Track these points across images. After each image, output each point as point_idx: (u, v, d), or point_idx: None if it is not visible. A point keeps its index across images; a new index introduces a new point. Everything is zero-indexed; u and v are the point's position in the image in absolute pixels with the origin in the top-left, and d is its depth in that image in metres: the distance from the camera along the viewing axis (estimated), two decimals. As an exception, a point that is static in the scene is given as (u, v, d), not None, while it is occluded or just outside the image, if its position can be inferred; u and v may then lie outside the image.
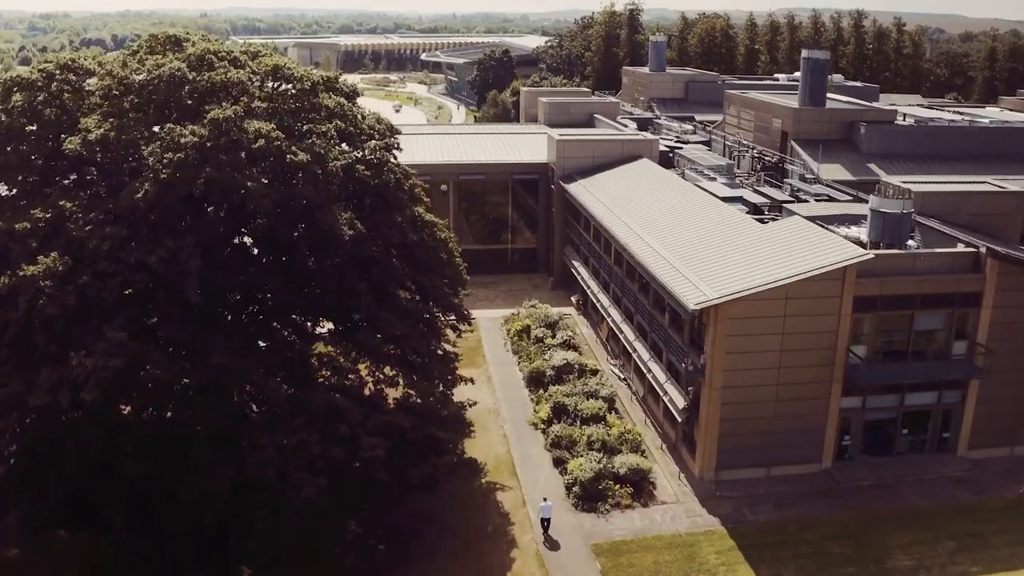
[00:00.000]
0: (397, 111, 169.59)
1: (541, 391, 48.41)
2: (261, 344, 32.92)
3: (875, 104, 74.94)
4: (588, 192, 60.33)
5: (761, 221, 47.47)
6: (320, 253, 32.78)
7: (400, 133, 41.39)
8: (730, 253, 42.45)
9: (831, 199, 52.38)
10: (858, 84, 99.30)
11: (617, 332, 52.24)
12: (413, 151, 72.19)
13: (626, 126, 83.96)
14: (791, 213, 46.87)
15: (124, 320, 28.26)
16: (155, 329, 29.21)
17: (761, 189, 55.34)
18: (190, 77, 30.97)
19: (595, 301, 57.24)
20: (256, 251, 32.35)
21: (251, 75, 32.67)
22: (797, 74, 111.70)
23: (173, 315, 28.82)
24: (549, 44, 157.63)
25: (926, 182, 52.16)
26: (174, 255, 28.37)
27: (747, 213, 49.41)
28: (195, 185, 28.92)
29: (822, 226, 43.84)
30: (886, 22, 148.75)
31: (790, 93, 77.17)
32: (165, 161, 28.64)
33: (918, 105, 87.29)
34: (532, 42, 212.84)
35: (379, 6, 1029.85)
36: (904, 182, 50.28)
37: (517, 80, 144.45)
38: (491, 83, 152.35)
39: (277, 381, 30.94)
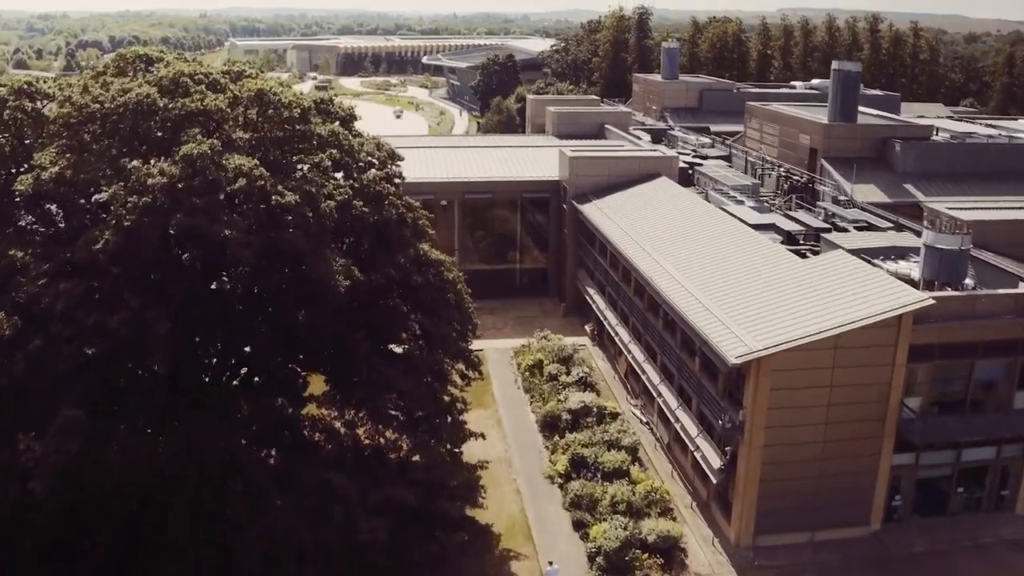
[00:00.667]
0: (398, 117, 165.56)
1: (557, 438, 44.23)
2: (244, 406, 28.71)
3: (909, 119, 70.56)
4: (604, 215, 56.15)
5: (798, 252, 43.43)
6: (311, 304, 28.56)
7: (402, 160, 37.24)
8: (768, 293, 38.28)
9: (870, 226, 48.22)
10: (879, 93, 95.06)
11: (638, 370, 48.09)
12: (415, 166, 68.08)
13: (639, 139, 79.83)
14: (832, 245, 42.71)
15: (82, 393, 24.06)
16: (119, 403, 24.97)
17: (793, 214, 51.14)
18: (161, 104, 26.78)
19: (612, 333, 53.09)
20: (237, 303, 28.04)
21: (232, 101, 28.41)
22: (815, 81, 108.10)
23: (140, 386, 24.60)
24: (554, 48, 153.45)
25: (971, 206, 48.15)
26: (140, 316, 24.17)
27: (781, 242, 45.35)
28: (164, 233, 24.64)
29: (867, 260, 39.75)
30: (898, 25, 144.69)
31: (814, 105, 73.00)
32: (129, 205, 24.43)
33: (948, 117, 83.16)
34: (536, 45, 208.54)
35: (379, 6, 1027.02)
36: (950, 208, 46.38)
37: (522, 86, 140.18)
38: (495, 88, 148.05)
39: (262, 455, 26.72)
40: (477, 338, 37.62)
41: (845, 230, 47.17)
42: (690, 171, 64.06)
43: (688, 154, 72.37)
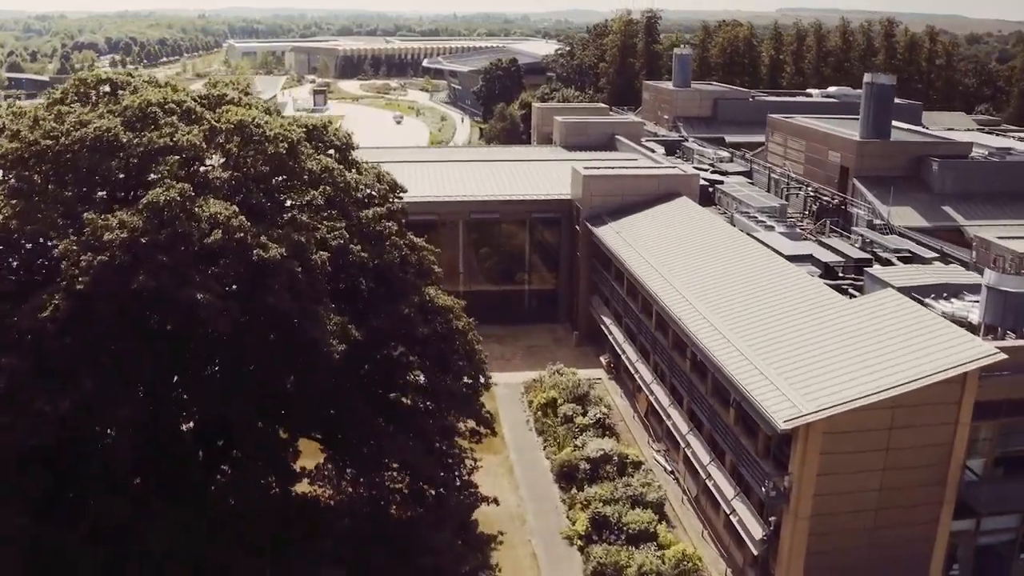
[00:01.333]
0: (398, 122, 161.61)
1: (575, 490, 40.32)
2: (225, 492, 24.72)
3: (943, 133, 66.54)
4: (621, 239, 52.21)
5: (839, 288, 39.57)
6: (303, 369, 24.63)
7: (405, 191, 33.35)
8: (813, 339, 34.35)
9: (913, 255, 44.33)
10: (901, 102, 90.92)
11: (661, 412, 44.18)
12: (417, 182, 64.06)
13: (653, 151, 75.93)
14: (878, 281, 38.73)
15: (26, 491, 20.12)
16: (71, 504, 21.03)
17: (828, 241, 47.22)
18: (124, 140, 22.82)
19: (630, 367, 49.19)
20: (214, 375, 24.07)
21: (209, 134, 24.45)
22: (832, 89, 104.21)
23: (97, 482, 20.65)
24: (559, 52, 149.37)
25: (1020, 234, 44.40)
26: (96, 399, 20.23)
27: (820, 276, 41.45)
28: (126, 297, 20.71)
29: (919, 300, 35.84)
30: (904, 24, 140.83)
31: (837, 118, 69.15)
32: (83, 264, 20.50)
33: (978, 129, 79.24)
34: (539, 48, 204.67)
35: (379, 6, 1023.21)
36: (1001, 238, 42.60)
37: (526, 91, 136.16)
38: (498, 94, 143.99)
39: (243, 554, 22.77)
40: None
41: (888, 261, 43.28)
42: (710, 189, 60.19)
43: (706, 169, 68.47)
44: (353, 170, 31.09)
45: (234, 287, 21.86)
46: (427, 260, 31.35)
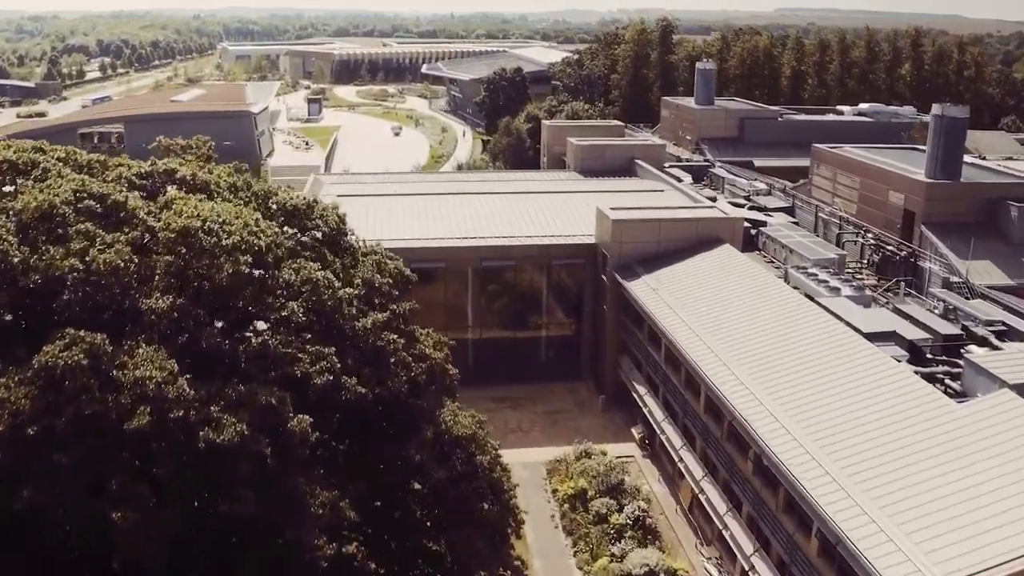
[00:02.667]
0: (396, 134, 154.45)
1: (616, 620, 33.37)
2: None
3: (1015, 170, 59.50)
4: (657, 296, 45.23)
5: (931, 378, 32.74)
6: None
7: (415, 279, 26.37)
8: (923, 463, 27.41)
9: (1009, 330, 37.47)
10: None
11: (711, 512, 37.22)
12: (422, 220, 57.14)
13: (680, 180, 69.03)
14: (981, 371, 31.86)
15: None
16: None
17: (906, 308, 40.26)
18: (16, 260, 15.79)
19: (670, 449, 42.23)
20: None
21: (143, 246, 17.42)
22: (864, 106, 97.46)
23: None
24: (567, 61, 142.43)
25: None
26: None
27: (908, 361, 34.58)
28: (3, 517, 13.67)
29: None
30: (894, 24, 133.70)
31: (887, 147, 62.29)
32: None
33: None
34: (543, 55, 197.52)
35: (376, 5, 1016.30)
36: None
37: (532, 103, 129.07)
38: (502, 106, 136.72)
39: None
40: (498, 445, 27.62)
41: (984, 340, 36.39)
42: (752, 231, 53.33)
43: (741, 204, 61.63)
44: (346, 258, 23.97)
45: (172, 488, 14.77)
46: (443, 373, 24.25)
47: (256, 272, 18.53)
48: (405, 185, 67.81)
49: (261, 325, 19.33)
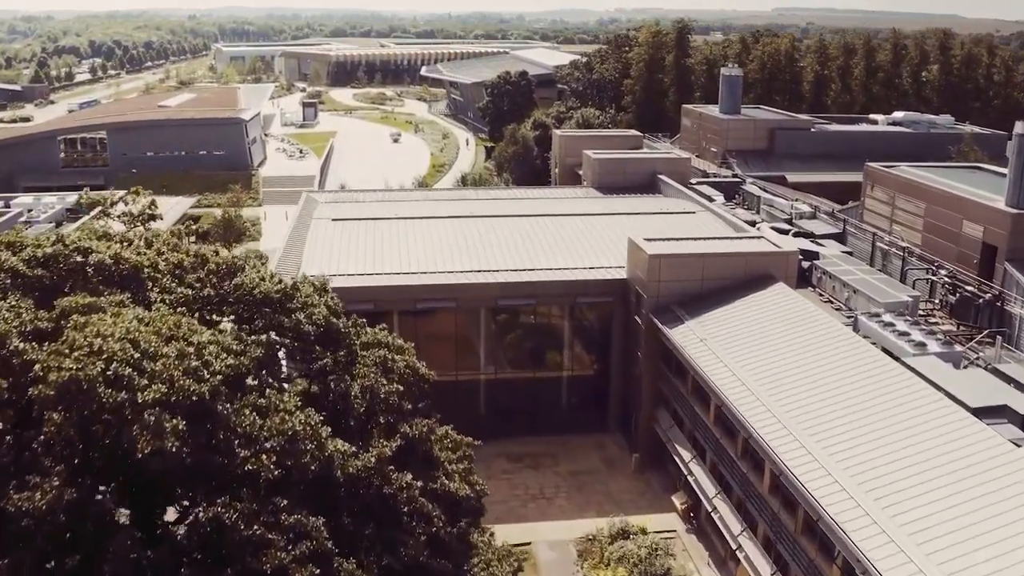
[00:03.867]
0: (396, 140, 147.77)
1: None
2: None
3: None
4: (707, 347, 38.73)
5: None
6: None
7: (430, 381, 19.85)
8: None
9: None
10: (986, 131, 77.94)
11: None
12: (429, 248, 50.61)
13: (711, 199, 62.64)
14: None
15: None
16: None
17: (1006, 369, 33.79)
18: None
19: (723, 530, 35.75)
20: None
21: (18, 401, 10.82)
22: (898, 115, 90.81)
23: None
24: (574, 64, 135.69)
25: None
26: None
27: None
28: None
29: None
30: (892, 24, 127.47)
31: (947, 167, 55.82)
32: None
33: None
34: (547, 56, 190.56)
35: (373, 5, 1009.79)
36: None
37: (538, 109, 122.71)
38: (506, 111, 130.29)
39: None
40: (517, 519, 21.41)
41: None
42: (804, 263, 46.85)
43: (783, 227, 55.22)
44: (341, 352, 17.36)
45: None
46: (473, 512, 17.67)
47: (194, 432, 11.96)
48: (407, 205, 61.21)
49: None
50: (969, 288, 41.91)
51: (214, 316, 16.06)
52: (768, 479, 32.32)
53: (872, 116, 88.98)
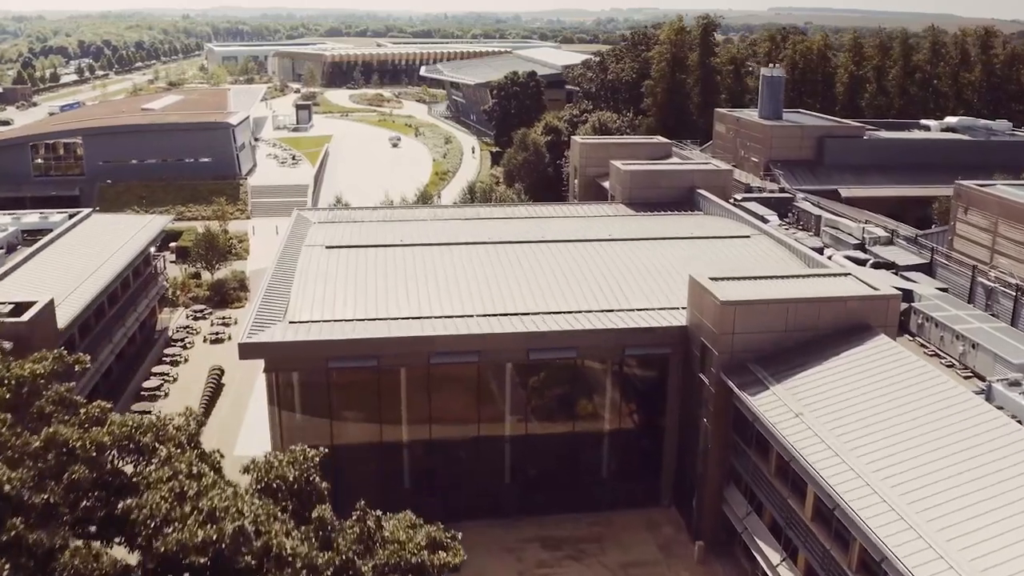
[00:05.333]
0: (395, 145, 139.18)
1: None
2: None
3: None
4: (801, 422, 30.41)
5: None
6: None
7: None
8: None
9: None
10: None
11: None
12: (439, 291, 42.00)
13: (766, 220, 54.42)
14: None
15: None
16: None
17: None
18: None
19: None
20: None
21: None
22: (952, 120, 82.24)
23: None
24: (587, 64, 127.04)
25: None
26: None
27: None
28: None
29: None
30: (890, 23, 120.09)
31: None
32: None
33: None
34: (552, 56, 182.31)
35: (369, 5, 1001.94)
36: None
37: (549, 112, 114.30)
38: (513, 114, 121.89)
39: None
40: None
41: None
42: (905, 309, 38.50)
43: (858, 255, 46.91)
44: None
45: None
46: None
47: None
48: (412, 227, 52.73)
49: None
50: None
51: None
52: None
53: (923, 121, 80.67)
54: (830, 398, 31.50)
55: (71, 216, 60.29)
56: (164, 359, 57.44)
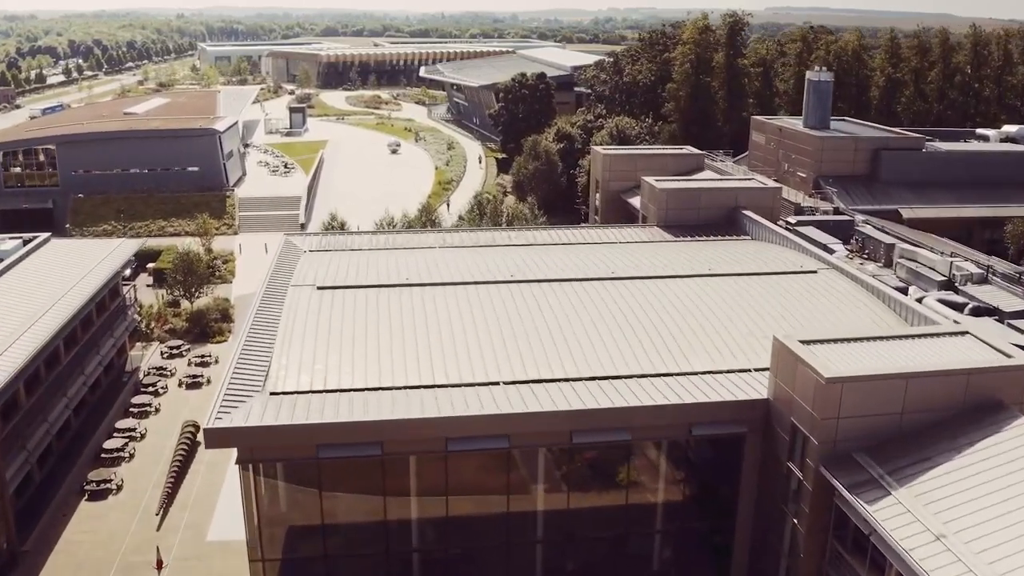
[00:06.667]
0: (394, 151, 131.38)
1: None
2: None
3: None
4: (943, 547, 22.90)
5: None
6: None
7: None
8: None
9: None
10: None
11: None
12: (456, 349, 34.03)
13: (832, 251, 46.92)
14: None
15: None
16: None
17: None
18: None
19: None
20: None
21: None
22: (1011, 129, 74.14)
23: None
24: (600, 65, 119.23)
25: None
26: None
27: None
28: None
29: None
30: (887, 23, 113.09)
31: None
32: None
33: None
34: (559, 56, 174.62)
35: (365, 5, 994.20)
36: None
37: (561, 117, 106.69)
38: (521, 118, 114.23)
39: None
40: None
41: None
42: None
43: (952, 297, 39.39)
44: None
45: None
46: None
47: None
48: (418, 257, 45.07)
49: None
50: None
51: None
52: None
53: (980, 131, 73.17)
54: (976, 511, 23.94)
55: (26, 243, 52.64)
56: (131, 410, 49.79)
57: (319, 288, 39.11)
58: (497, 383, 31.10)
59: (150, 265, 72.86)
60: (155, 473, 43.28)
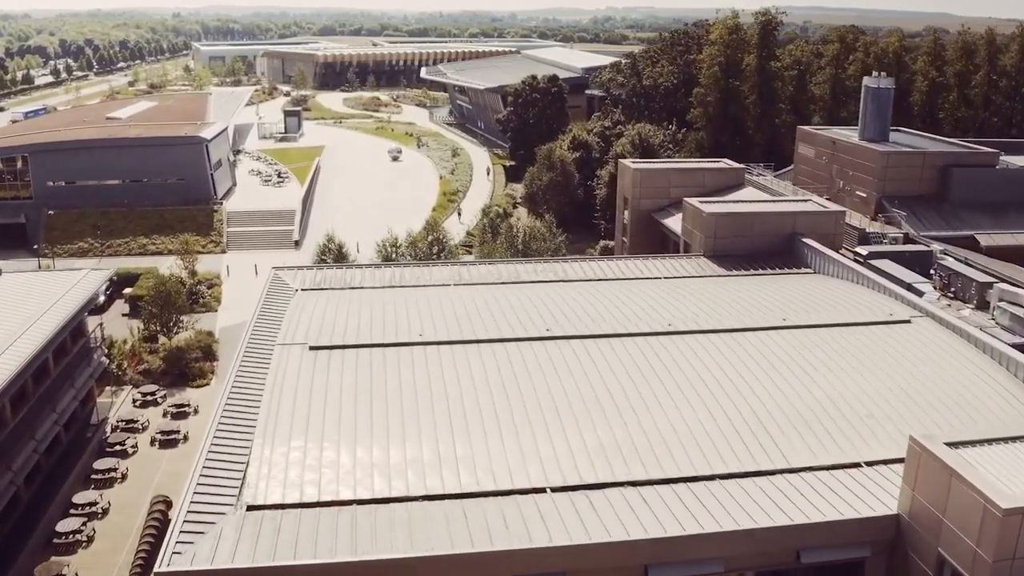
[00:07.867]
0: (395, 158, 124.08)
1: None
2: None
3: None
4: None
5: None
6: None
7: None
8: None
9: None
10: None
11: None
12: (488, 452, 26.38)
13: (920, 292, 39.81)
14: None
15: None
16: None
17: None
18: None
19: None
20: None
21: None
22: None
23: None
24: (616, 67, 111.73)
25: None
26: None
27: None
28: None
29: None
30: (886, 23, 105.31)
31: None
32: None
33: None
34: (567, 56, 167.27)
35: (362, 4, 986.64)
36: None
37: (576, 123, 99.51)
38: (532, 124, 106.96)
39: None
40: None
41: None
42: None
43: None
44: None
45: None
46: None
47: None
48: (431, 299, 37.91)
49: None
50: None
51: None
52: None
53: (1048, 141, 66.20)
54: None
55: (-29, 278, 45.43)
56: (94, 476, 42.51)
57: (312, 348, 31.91)
58: (544, 490, 23.94)
59: (127, 291, 65.61)
60: (116, 564, 36.03)
